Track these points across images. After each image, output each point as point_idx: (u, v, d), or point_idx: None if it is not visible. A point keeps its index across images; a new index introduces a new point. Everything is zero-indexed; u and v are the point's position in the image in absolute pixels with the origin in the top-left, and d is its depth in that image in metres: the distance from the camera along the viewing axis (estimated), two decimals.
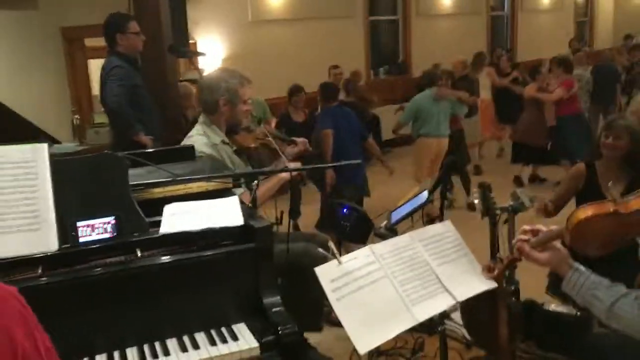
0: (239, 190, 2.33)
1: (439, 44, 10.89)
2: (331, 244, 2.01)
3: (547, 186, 6.86)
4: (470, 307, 2.40)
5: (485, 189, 2.26)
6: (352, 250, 2.06)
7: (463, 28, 11.86)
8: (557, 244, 1.68)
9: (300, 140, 3.08)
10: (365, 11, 10.07)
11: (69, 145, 5.40)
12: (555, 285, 1.73)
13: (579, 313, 2.71)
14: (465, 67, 7.75)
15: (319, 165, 1.82)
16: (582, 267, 1.65)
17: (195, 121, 2.96)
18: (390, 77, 10.78)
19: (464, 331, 2.92)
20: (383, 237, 2.81)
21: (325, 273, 1.89)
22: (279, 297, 1.76)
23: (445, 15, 11.60)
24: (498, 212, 2.26)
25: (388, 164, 5.56)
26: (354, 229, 3.25)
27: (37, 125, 6.01)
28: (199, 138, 2.70)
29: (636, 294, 1.57)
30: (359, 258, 1.99)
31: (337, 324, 2.96)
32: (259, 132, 3.06)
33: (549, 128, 6.73)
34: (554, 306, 2.81)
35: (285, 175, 2.65)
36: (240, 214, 1.86)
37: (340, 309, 1.84)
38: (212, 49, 7.55)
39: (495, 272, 1.84)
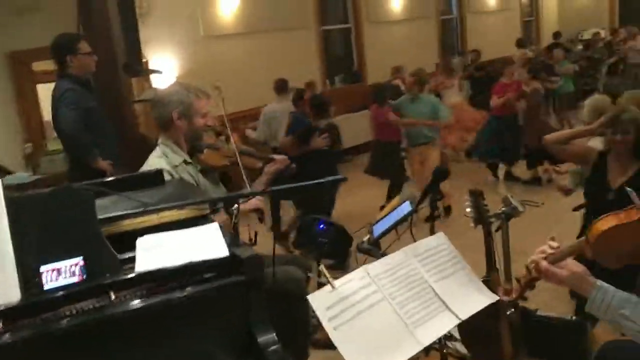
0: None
1: (392, 50, 10.90)
2: (322, 268, 1.86)
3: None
4: (468, 322, 2.28)
5: (477, 196, 2.15)
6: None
7: (415, 33, 11.91)
8: (574, 261, 1.57)
9: (279, 157, 2.93)
10: (317, 21, 10.00)
11: (22, 175, 5.09)
12: (582, 308, 1.59)
13: (573, 317, 2.64)
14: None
15: (302, 184, 1.68)
16: (605, 285, 1.53)
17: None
18: (346, 86, 10.73)
19: (461, 347, 2.81)
20: (368, 252, 2.68)
21: (319, 300, 1.74)
22: (274, 334, 1.59)
23: (395, 21, 11.62)
24: (492, 220, 2.15)
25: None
26: (332, 245, 3.10)
27: None
28: (156, 161, 2.54)
29: None
30: (354, 280, 1.85)
31: (324, 346, 2.78)
32: (228, 150, 2.90)
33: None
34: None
35: (249, 205, 2.51)
36: (224, 243, 1.69)
37: (339, 339, 1.69)
38: (165, 67, 7.31)
39: (514, 295, 1.71)
